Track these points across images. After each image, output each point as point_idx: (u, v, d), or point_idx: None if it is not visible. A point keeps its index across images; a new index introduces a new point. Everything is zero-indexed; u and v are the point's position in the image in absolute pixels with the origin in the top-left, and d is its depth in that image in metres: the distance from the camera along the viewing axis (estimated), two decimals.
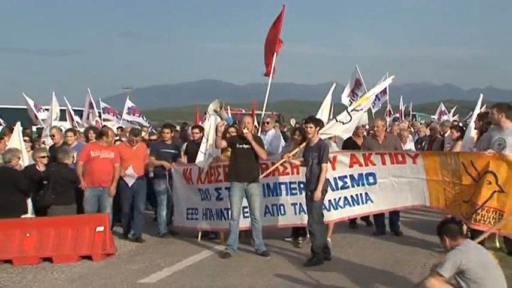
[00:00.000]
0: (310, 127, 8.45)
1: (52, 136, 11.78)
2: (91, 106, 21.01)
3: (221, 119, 9.14)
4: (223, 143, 9.17)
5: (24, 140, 11.60)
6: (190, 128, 12.66)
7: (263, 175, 9.07)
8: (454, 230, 5.78)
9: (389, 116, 24.44)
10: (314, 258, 8.28)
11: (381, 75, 20.71)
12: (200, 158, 9.85)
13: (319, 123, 8.79)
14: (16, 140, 10.69)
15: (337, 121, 10.01)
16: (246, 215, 9.34)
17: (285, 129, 18.74)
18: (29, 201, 9.51)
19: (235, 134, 9.73)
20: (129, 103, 21.57)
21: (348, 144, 10.77)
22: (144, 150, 10.58)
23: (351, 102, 19.24)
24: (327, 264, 8.25)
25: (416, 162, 8.82)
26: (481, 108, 10.75)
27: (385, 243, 9.54)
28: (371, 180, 9.15)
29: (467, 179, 8.31)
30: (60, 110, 18.72)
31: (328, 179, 8.75)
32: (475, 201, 8.10)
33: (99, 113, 21.83)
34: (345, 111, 10.21)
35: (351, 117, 10.05)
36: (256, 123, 11.35)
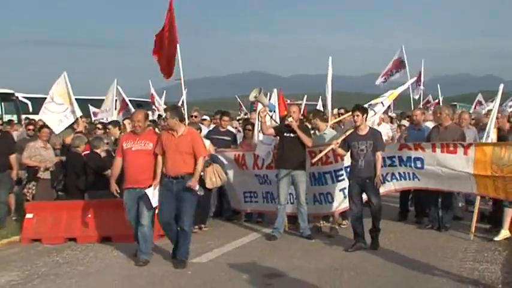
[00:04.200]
0: (357, 115, 8.19)
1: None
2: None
3: (262, 105, 9.14)
4: (270, 130, 9.14)
5: (98, 128, 11.98)
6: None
7: (314, 160, 8.80)
8: None
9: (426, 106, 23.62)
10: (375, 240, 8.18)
11: (420, 66, 20.26)
12: (260, 148, 9.71)
13: (366, 111, 8.49)
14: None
15: (375, 113, 9.90)
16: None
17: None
18: None
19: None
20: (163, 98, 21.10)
21: None
22: (191, 140, 7.47)
23: (385, 80, 18.91)
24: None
25: (467, 153, 8.32)
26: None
27: (424, 230, 9.35)
28: (418, 164, 8.75)
29: None
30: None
31: None
32: None
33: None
34: (380, 103, 10.06)
35: (375, 111, 9.97)
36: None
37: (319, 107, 15.95)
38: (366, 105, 9.42)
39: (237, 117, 21.22)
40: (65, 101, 11.51)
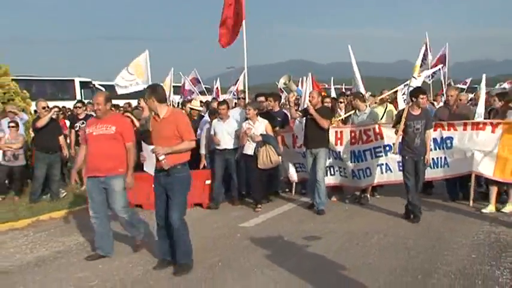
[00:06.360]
0: (422, 98, 7.80)
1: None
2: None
3: (291, 90, 9.06)
4: (297, 113, 9.08)
5: None
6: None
7: (392, 152, 8.41)
8: None
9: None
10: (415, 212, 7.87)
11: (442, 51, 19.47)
12: (298, 126, 9.68)
13: (426, 94, 8.26)
14: None
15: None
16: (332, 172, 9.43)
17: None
18: None
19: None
20: (217, 84, 20.77)
21: None
22: (174, 122, 5.54)
23: (433, 76, 18.20)
24: (394, 217, 8.10)
25: (495, 131, 8.17)
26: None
27: (448, 201, 9.13)
28: (448, 144, 8.60)
29: None
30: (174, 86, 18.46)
31: None
32: None
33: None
34: (412, 77, 9.84)
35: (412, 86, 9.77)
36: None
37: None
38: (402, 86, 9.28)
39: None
40: (137, 74, 12.03)
